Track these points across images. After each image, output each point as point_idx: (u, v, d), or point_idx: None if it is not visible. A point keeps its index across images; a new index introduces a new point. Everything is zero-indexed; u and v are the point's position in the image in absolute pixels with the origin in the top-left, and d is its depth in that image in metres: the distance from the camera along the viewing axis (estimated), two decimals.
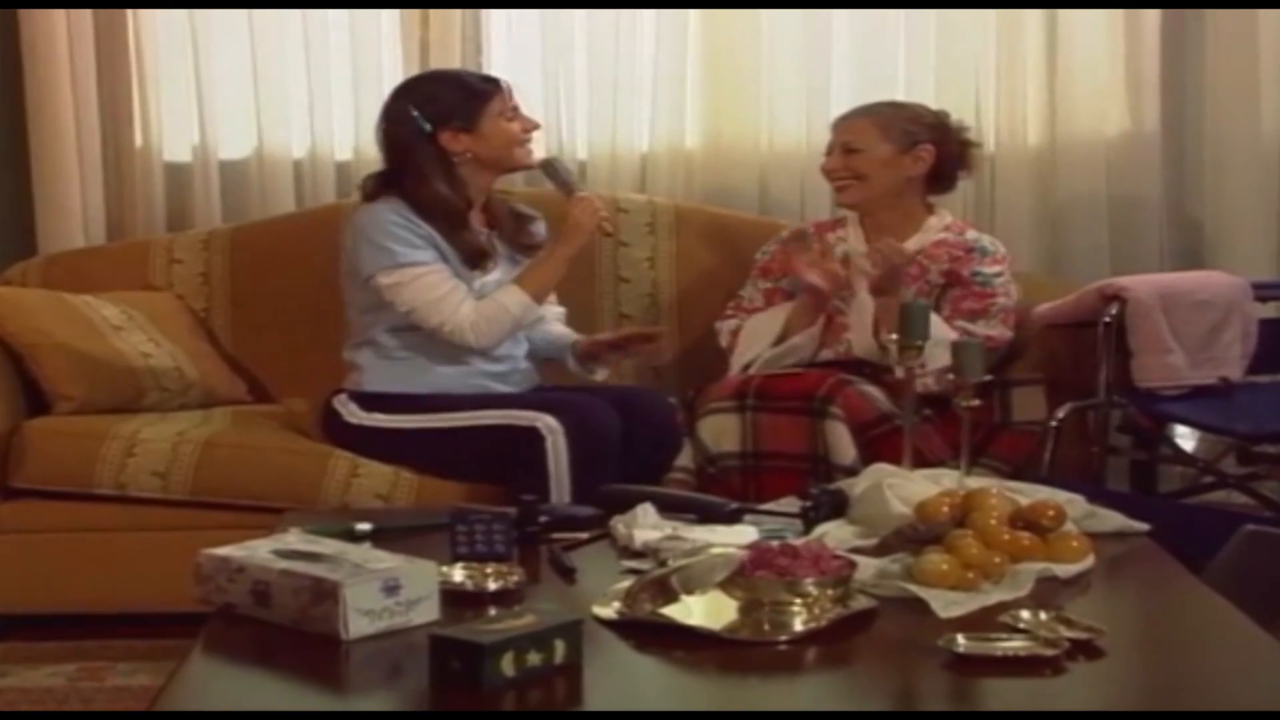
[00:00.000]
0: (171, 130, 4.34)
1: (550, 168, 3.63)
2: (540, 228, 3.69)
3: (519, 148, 3.55)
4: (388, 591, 2.17)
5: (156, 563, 3.38)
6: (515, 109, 3.55)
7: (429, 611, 2.20)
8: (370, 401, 3.51)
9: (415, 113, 3.48)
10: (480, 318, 3.44)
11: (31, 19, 4.22)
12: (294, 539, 2.36)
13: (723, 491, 3.29)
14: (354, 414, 3.51)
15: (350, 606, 2.13)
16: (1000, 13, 4.30)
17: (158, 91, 4.31)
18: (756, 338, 3.71)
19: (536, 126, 3.61)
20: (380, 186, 3.52)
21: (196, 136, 4.31)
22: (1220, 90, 4.29)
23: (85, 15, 4.24)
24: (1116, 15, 4.29)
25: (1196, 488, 3.93)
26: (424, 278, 3.42)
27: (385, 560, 2.24)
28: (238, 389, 4.00)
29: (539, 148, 3.71)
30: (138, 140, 4.32)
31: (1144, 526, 2.71)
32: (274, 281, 4.09)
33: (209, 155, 4.31)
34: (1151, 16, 4.29)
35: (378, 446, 3.47)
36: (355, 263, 3.48)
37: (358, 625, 2.14)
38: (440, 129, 3.48)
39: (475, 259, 3.49)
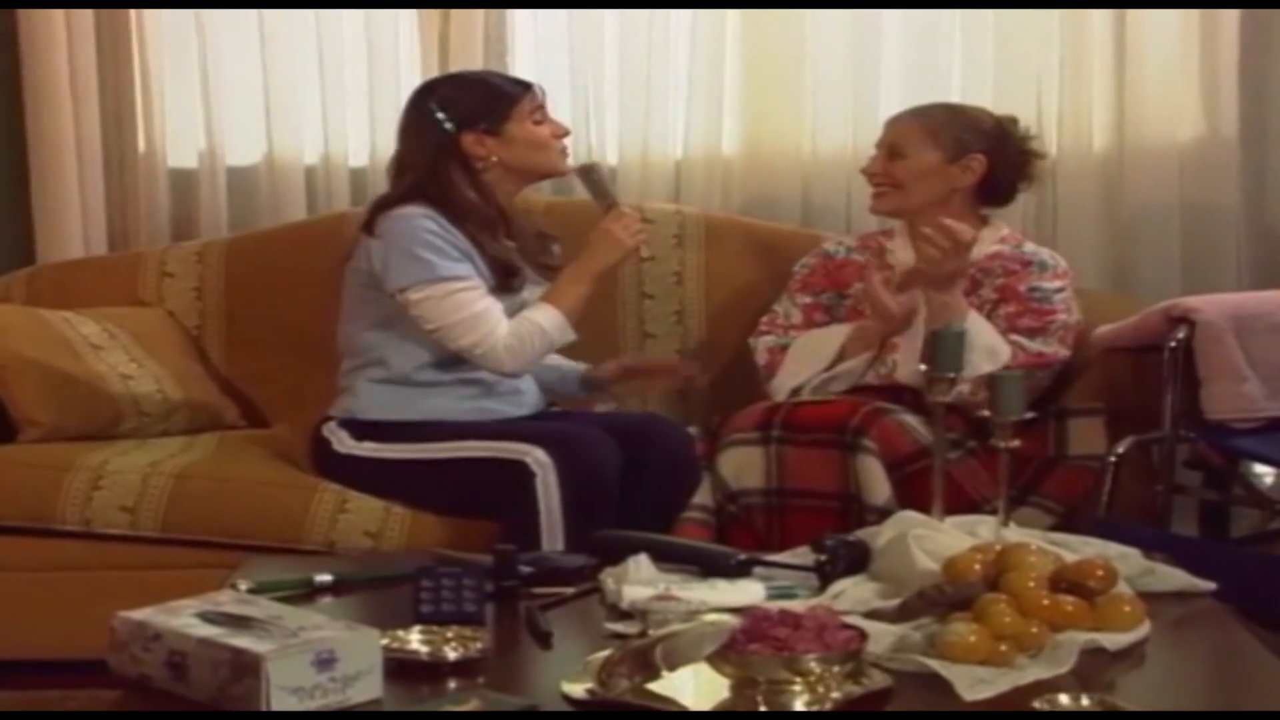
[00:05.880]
0: (176, 135, 4.12)
1: (589, 176, 3.36)
2: (558, 249, 3.44)
3: (549, 153, 3.33)
4: (320, 666, 1.90)
5: (125, 605, 3.03)
6: (544, 111, 3.34)
7: (370, 689, 1.93)
8: (362, 429, 3.25)
9: (439, 114, 3.27)
10: (515, 339, 3.18)
11: (30, 19, 4.02)
12: (226, 598, 2.09)
13: (744, 533, 3.05)
14: (343, 442, 3.25)
15: (274, 683, 1.86)
16: (1064, 12, 4.03)
17: (162, 94, 4.10)
18: (809, 359, 3.42)
19: (566, 132, 3.38)
20: (403, 196, 3.25)
21: (203, 141, 4.10)
22: None
23: (86, 15, 4.04)
24: (1191, 14, 4.02)
25: (1273, 533, 3.64)
26: (459, 294, 3.17)
27: (322, 628, 1.97)
28: (229, 413, 3.75)
29: (570, 158, 3.48)
30: (141, 145, 4.11)
31: (1209, 585, 2.41)
32: (273, 296, 3.82)
33: (216, 161, 4.09)
34: (1230, 16, 4.01)
35: (367, 478, 3.21)
36: (383, 274, 3.22)
37: (283, 704, 1.87)
38: (464, 131, 3.26)
39: (506, 277, 3.25)
